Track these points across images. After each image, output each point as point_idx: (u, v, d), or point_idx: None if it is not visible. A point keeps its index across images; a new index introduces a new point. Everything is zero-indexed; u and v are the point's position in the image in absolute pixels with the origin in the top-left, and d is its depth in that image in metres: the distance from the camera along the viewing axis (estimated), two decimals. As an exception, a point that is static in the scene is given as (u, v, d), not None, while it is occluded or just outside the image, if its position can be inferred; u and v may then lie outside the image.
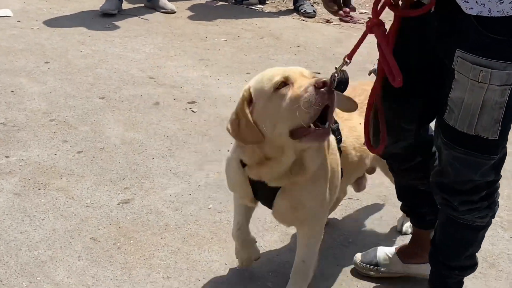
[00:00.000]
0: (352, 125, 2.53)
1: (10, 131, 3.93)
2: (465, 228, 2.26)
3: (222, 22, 6.45)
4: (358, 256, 2.82)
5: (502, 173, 2.20)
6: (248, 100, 2.12)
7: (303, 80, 2.03)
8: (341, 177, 2.46)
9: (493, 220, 3.21)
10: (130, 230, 3.04)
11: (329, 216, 3.04)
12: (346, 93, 2.50)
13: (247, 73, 5.00)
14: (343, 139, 2.44)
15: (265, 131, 2.07)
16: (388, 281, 2.78)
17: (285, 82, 2.04)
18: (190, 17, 6.67)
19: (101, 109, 4.35)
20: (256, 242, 2.73)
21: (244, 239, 2.64)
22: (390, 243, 3.00)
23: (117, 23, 6.26)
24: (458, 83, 1.95)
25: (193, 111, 4.38)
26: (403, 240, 3.01)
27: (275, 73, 2.08)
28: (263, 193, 2.30)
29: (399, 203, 2.80)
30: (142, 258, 2.84)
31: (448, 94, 2.00)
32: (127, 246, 2.92)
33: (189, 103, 4.50)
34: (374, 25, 2.11)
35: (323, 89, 1.95)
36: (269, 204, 2.33)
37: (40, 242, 2.90)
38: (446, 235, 2.36)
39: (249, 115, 2.09)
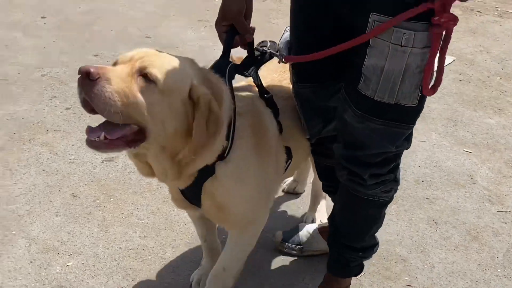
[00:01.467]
0: (293, 103, 2.28)
1: (0, 85, 3.89)
2: (370, 205, 2.14)
3: (225, -16, 6.31)
4: (279, 235, 2.70)
5: (494, 146, 2.12)
6: None
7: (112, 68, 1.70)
8: (291, 158, 2.22)
9: (481, 193, 3.20)
10: (111, 188, 3.01)
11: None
12: (279, 67, 2.36)
13: (269, 38, 4.92)
14: (284, 115, 2.18)
15: None
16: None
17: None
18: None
19: (94, 66, 4.28)
20: None
21: (210, 249, 2.46)
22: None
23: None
24: (375, 49, 1.78)
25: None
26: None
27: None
28: (187, 192, 2.04)
29: None
30: (121, 217, 2.82)
31: (361, 62, 1.82)
32: (107, 204, 2.89)
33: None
34: None
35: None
36: (197, 203, 2.04)
37: (19, 196, 2.88)
38: (349, 215, 2.24)
39: None
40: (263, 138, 2.04)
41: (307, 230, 2.70)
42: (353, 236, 2.26)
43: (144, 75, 1.66)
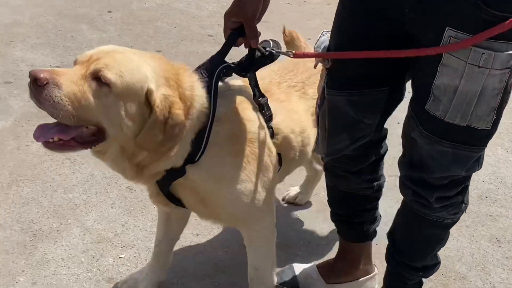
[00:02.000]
0: (290, 107, 2.17)
1: (64, 75, 3.95)
2: (435, 226, 2.01)
3: (290, -14, 6.30)
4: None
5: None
6: None
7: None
8: (280, 164, 2.09)
9: None
10: (167, 184, 3.00)
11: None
12: (282, 68, 2.26)
13: (308, 38, 4.85)
14: (277, 120, 2.06)
15: None
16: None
17: None
18: (258, -22, 6.52)
19: (156, 61, 4.32)
20: (167, 267, 2.38)
21: (158, 256, 2.33)
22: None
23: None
24: (448, 68, 1.64)
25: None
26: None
27: None
28: (160, 184, 1.93)
29: None
30: (174, 212, 2.80)
31: (430, 80, 1.69)
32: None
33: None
34: None
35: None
36: (174, 199, 1.96)
37: (76, 185, 2.91)
38: (411, 235, 2.10)
39: None
40: (246, 144, 1.91)
41: (305, 270, 2.44)
42: (414, 256, 2.13)
43: (97, 78, 1.61)
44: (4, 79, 3.82)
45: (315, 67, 2.05)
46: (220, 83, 1.90)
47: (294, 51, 1.95)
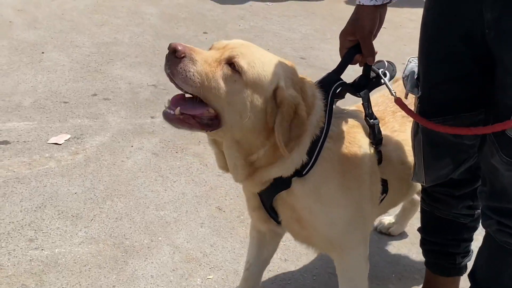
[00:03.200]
0: (404, 138, 2.11)
1: (160, 93, 4.05)
2: None
3: (385, 9, 6.20)
4: None
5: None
6: None
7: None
8: (385, 192, 2.01)
9: None
10: (256, 206, 2.98)
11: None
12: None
13: (402, 63, 4.75)
14: (388, 149, 2.01)
15: None
16: None
17: None
18: (352, 2, 6.46)
19: (249, 83, 4.34)
20: None
21: (247, 282, 2.27)
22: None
23: (278, 2, 6.26)
24: None
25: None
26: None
27: None
28: (263, 197, 1.91)
29: None
30: (263, 236, 2.77)
31: (510, 103, 1.62)
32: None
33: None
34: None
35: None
36: (272, 213, 1.92)
37: (168, 203, 2.94)
38: (496, 270, 1.93)
39: None
40: (354, 167, 1.87)
41: None
42: None
43: (231, 63, 1.64)
44: (104, 95, 3.95)
45: (406, 97, 1.98)
46: (334, 106, 1.88)
47: (396, 95, 1.91)
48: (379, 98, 2.20)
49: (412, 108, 1.97)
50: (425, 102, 1.91)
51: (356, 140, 1.89)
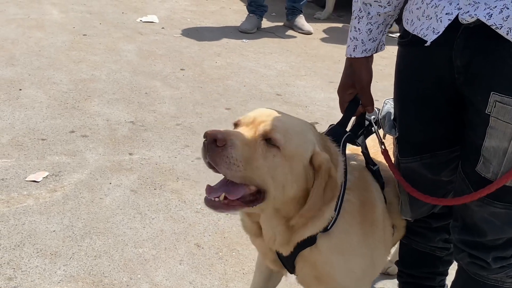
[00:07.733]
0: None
1: (138, 130, 4.09)
2: None
3: (358, 47, 6.34)
4: None
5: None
6: None
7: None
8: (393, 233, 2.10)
9: None
10: (234, 242, 3.01)
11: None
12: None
13: (376, 100, 4.86)
14: (388, 189, 2.08)
15: None
16: None
17: None
18: (325, 39, 6.66)
19: (226, 119, 4.41)
20: None
21: None
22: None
23: (254, 40, 6.38)
24: (496, 130, 1.63)
25: (315, 132, 4.30)
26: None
27: None
28: (284, 257, 1.94)
29: None
30: (241, 272, 2.80)
31: (480, 142, 1.69)
32: (229, 257, 2.89)
33: (311, 123, 4.43)
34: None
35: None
36: (290, 268, 1.97)
37: (146, 240, 2.96)
38: None
39: None
40: (371, 214, 1.94)
41: None
42: None
43: (267, 139, 1.66)
44: (81, 132, 3.97)
45: (383, 138, 2.07)
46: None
47: (384, 145, 2.02)
48: (370, 142, 2.24)
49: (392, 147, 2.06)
50: (403, 142, 2.00)
51: (368, 185, 1.96)
